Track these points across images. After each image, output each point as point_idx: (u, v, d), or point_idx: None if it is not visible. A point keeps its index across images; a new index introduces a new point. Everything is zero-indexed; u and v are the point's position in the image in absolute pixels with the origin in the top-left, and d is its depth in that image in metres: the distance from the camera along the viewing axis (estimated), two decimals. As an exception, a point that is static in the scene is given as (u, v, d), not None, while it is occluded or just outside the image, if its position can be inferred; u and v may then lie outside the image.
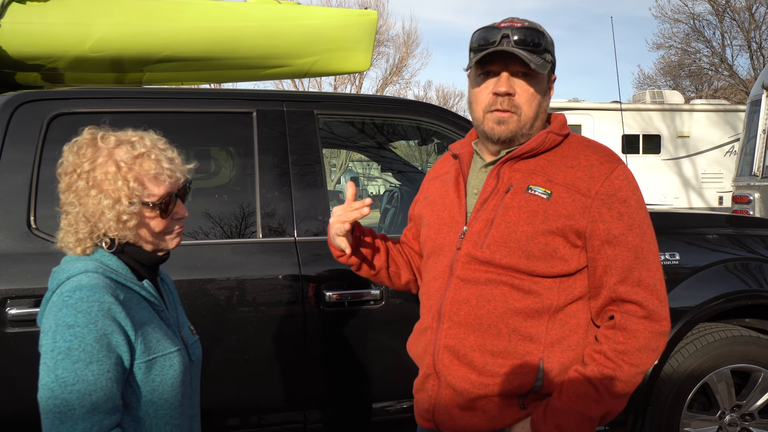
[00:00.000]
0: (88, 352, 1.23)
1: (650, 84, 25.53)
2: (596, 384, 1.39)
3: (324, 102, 2.65)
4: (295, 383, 2.38)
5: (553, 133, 1.49)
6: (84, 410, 1.21)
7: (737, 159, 7.95)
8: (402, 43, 24.33)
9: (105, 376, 1.24)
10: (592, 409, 1.40)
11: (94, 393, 1.22)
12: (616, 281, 1.42)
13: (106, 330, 1.26)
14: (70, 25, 2.83)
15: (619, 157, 1.49)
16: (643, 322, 1.40)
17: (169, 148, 1.43)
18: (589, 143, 1.53)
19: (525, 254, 1.42)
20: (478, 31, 1.49)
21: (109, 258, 1.37)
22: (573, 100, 13.87)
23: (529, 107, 1.47)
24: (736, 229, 3.01)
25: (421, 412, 1.57)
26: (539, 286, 1.43)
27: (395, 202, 4.24)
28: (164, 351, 1.36)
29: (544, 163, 1.48)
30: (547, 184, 1.45)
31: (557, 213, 1.42)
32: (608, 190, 1.42)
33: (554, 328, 1.44)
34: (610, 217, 1.41)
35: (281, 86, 19.59)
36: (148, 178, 1.35)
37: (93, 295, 1.26)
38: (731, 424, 2.86)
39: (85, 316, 1.24)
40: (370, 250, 1.70)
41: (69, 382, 1.22)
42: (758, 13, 20.91)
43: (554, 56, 1.51)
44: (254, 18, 3.13)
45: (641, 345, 1.39)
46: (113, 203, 1.32)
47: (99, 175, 1.33)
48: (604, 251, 1.42)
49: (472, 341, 1.45)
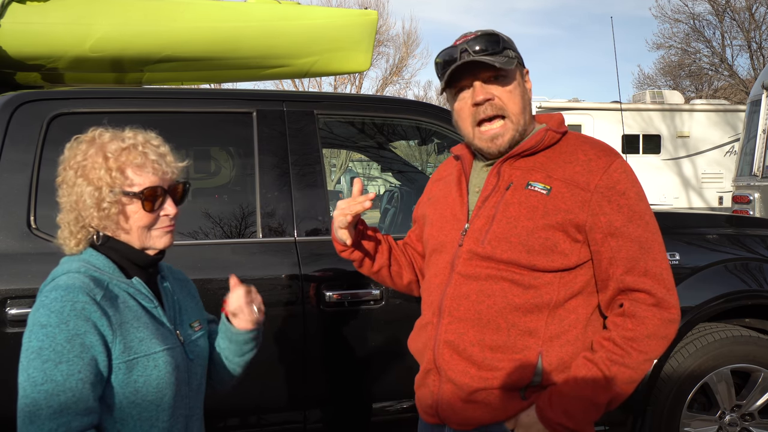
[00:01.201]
0: (58, 352, 1.23)
1: (650, 84, 25.55)
2: (604, 370, 1.40)
3: (324, 102, 2.65)
4: (295, 383, 2.38)
5: (551, 130, 1.52)
6: (51, 411, 1.21)
7: (737, 159, 7.95)
8: (402, 43, 24.35)
9: (75, 377, 1.23)
10: (600, 395, 1.41)
11: (62, 393, 1.22)
12: (623, 272, 1.43)
13: (79, 330, 1.25)
14: (70, 25, 2.83)
15: (616, 152, 1.51)
16: (652, 309, 1.41)
17: (163, 146, 1.44)
18: (586, 139, 1.55)
19: (526, 249, 1.43)
20: (439, 54, 1.54)
21: (97, 257, 1.38)
22: (573, 100, 13.88)
23: (513, 104, 1.50)
24: (736, 229, 3.01)
25: (425, 408, 1.58)
26: (539, 281, 1.44)
27: (395, 202, 4.24)
28: (147, 351, 1.34)
29: (543, 160, 1.51)
30: (547, 179, 1.47)
31: (557, 207, 1.44)
32: (607, 183, 1.44)
33: (553, 322, 1.45)
34: (610, 210, 1.43)
35: (281, 86, 19.60)
36: (132, 168, 1.37)
37: (67, 295, 1.27)
38: (731, 424, 2.86)
39: (58, 316, 1.25)
40: (372, 247, 1.71)
41: (38, 382, 1.22)
42: (758, 13, 20.92)
43: (517, 51, 1.54)
44: (254, 18, 3.14)
45: (650, 332, 1.40)
46: (94, 190, 1.35)
47: (87, 165, 1.36)
48: (608, 243, 1.43)
49: (471, 336, 1.46)
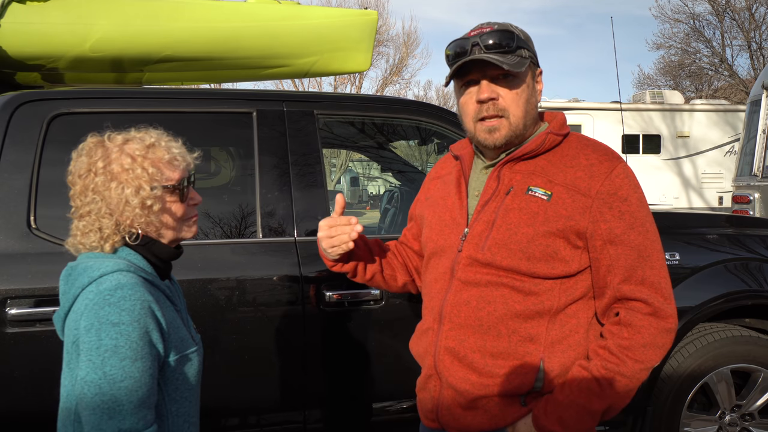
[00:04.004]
0: (134, 349, 1.27)
1: (650, 84, 25.54)
2: (599, 378, 1.39)
3: (324, 102, 2.65)
4: (295, 383, 2.38)
5: (552, 133, 1.49)
6: (132, 405, 1.26)
7: (737, 159, 7.95)
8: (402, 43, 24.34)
9: (148, 372, 1.29)
10: (594, 403, 1.40)
11: (140, 389, 1.27)
12: (620, 280, 1.41)
13: (148, 327, 1.30)
14: (70, 25, 2.83)
15: (620, 155, 1.49)
16: (649, 319, 1.39)
17: (173, 139, 1.48)
18: (588, 142, 1.52)
19: (526, 256, 1.41)
20: (450, 44, 1.50)
21: (136, 257, 1.40)
22: (573, 100, 13.87)
23: (516, 107, 1.46)
24: (736, 229, 3.01)
25: (425, 412, 1.58)
26: (540, 287, 1.43)
27: (395, 202, 4.24)
28: (187, 350, 1.41)
29: (544, 164, 1.48)
30: (548, 184, 1.44)
31: (558, 214, 1.41)
32: (609, 189, 1.41)
33: (554, 328, 1.43)
34: (611, 216, 1.41)
35: (281, 86, 19.60)
36: (163, 163, 1.41)
37: (135, 293, 1.30)
38: (731, 424, 2.86)
39: (129, 314, 1.28)
40: (363, 256, 1.71)
41: (117, 379, 1.25)
42: (758, 13, 20.90)
43: (532, 50, 1.50)
44: (254, 18, 3.14)
45: (646, 341, 1.39)
46: (136, 190, 1.37)
47: (116, 168, 1.37)
48: (607, 251, 1.41)
49: (472, 343, 1.45)
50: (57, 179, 2.09)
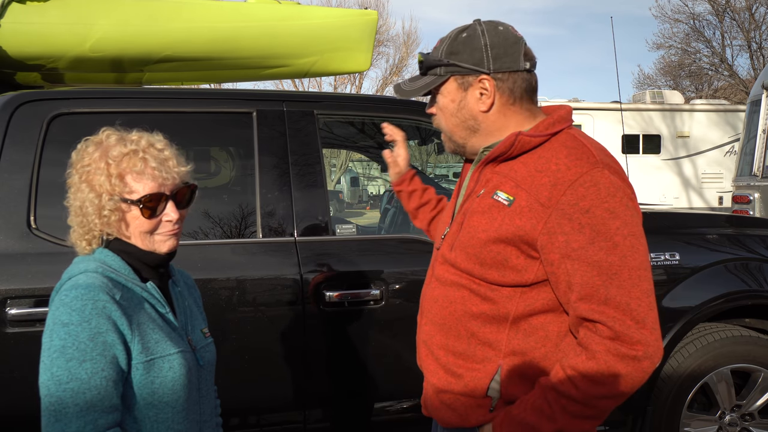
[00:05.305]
0: (82, 350, 1.24)
1: (650, 84, 25.55)
2: (550, 400, 1.30)
3: (324, 102, 2.65)
4: (295, 383, 2.38)
5: (524, 135, 1.39)
6: (77, 408, 1.22)
7: (737, 159, 7.95)
8: (402, 43, 24.34)
9: (99, 374, 1.25)
10: (544, 425, 1.31)
11: (87, 391, 1.23)
12: (577, 298, 1.29)
13: (100, 328, 1.26)
14: (70, 25, 2.83)
15: (597, 161, 1.32)
16: (607, 343, 1.25)
17: (167, 150, 1.42)
18: (570, 144, 1.38)
19: (479, 261, 1.38)
20: None
21: (113, 258, 1.38)
22: (573, 100, 13.88)
23: (446, 120, 1.50)
24: (736, 229, 3.01)
25: (422, 402, 1.61)
26: (496, 294, 1.38)
27: (395, 202, 4.23)
28: (163, 353, 1.35)
29: (518, 167, 1.40)
30: (514, 189, 1.37)
31: (511, 221, 1.35)
32: (570, 200, 1.29)
33: (517, 337, 1.39)
34: (570, 229, 1.28)
35: (281, 86, 19.60)
36: (131, 175, 1.35)
37: (87, 293, 1.27)
38: (731, 424, 2.86)
39: (79, 314, 1.25)
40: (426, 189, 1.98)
41: (63, 380, 1.22)
42: (758, 13, 20.92)
43: (460, 55, 1.42)
44: (254, 18, 3.14)
45: (600, 368, 1.25)
46: (95, 197, 1.35)
47: (91, 170, 1.36)
48: (564, 266, 1.29)
49: (438, 340, 1.47)
50: (57, 179, 2.09)
